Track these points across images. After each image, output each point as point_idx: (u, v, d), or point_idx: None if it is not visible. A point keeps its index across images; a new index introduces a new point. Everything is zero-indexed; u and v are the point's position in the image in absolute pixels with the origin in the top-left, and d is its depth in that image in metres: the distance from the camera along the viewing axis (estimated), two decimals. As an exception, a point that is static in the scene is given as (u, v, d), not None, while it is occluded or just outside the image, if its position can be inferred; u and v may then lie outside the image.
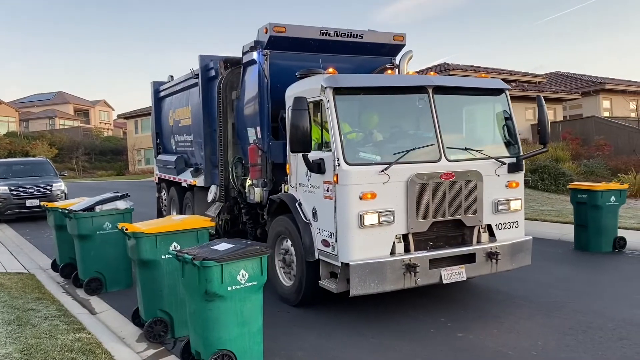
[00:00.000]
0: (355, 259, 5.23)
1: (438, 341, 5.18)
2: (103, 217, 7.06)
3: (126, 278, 7.34)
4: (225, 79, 8.16)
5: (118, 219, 7.02)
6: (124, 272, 7.32)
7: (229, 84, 8.16)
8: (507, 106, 6.30)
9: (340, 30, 7.35)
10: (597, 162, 19.50)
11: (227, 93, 8.18)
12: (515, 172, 6.08)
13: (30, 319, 5.67)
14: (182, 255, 4.31)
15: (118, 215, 7.16)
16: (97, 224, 7.01)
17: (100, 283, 7.15)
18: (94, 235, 7.02)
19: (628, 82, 31.28)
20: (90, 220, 6.99)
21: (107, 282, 7.19)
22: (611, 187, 9.21)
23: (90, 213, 6.99)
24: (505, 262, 5.93)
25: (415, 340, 5.20)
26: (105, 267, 7.16)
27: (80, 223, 6.97)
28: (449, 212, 5.62)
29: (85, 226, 6.97)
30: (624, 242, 9.13)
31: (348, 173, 5.26)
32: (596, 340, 5.11)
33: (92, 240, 7.05)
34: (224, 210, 8.42)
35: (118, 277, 7.27)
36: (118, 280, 7.27)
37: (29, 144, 40.78)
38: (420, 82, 5.91)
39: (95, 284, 7.12)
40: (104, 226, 7.03)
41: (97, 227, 7.01)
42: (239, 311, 4.30)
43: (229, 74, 8.16)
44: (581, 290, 6.80)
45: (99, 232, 7.03)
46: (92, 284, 7.10)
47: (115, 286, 7.21)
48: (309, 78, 5.98)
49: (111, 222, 7.04)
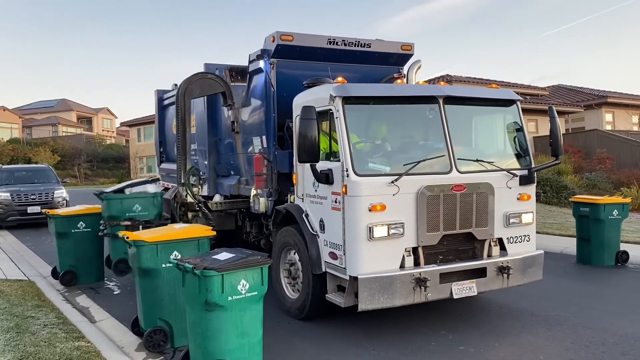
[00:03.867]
0: (364, 272, 5.12)
1: (439, 354, 5.12)
2: (133, 199, 7.14)
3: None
4: (182, 87, 8.00)
5: (148, 202, 7.07)
6: None
7: (188, 92, 8.00)
8: (518, 117, 6.22)
9: (348, 39, 7.28)
10: (600, 175, 19.43)
11: (186, 101, 8.05)
12: (527, 184, 5.98)
13: (29, 326, 5.63)
14: (183, 265, 4.28)
15: (148, 198, 7.19)
16: (126, 206, 7.05)
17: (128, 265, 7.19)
18: (122, 218, 7.06)
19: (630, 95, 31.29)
20: (120, 202, 6.98)
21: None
22: (614, 201, 9.18)
23: (120, 195, 7.12)
24: (517, 276, 5.82)
25: (416, 353, 5.13)
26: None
27: (110, 204, 6.96)
28: (460, 225, 5.51)
29: (115, 207, 6.94)
30: (626, 256, 9.09)
31: (357, 184, 5.15)
32: (598, 355, 5.05)
33: (119, 227, 7.11)
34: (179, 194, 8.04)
35: None
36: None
37: (31, 150, 40.80)
38: (431, 92, 5.83)
39: (123, 265, 7.22)
40: (134, 208, 7.05)
41: (126, 209, 7.06)
42: (239, 321, 4.25)
43: (185, 82, 7.90)
44: (583, 304, 6.73)
45: (128, 213, 7.02)
46: (119, 265, 7.22)
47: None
48: (318, 87, 5.90)
49: (141, 205, 7.13)
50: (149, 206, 7.41)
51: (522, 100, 6.42)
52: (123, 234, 5.29)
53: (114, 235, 7.35)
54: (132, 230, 7.00)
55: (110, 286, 8.07)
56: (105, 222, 7.49)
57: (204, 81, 7.92)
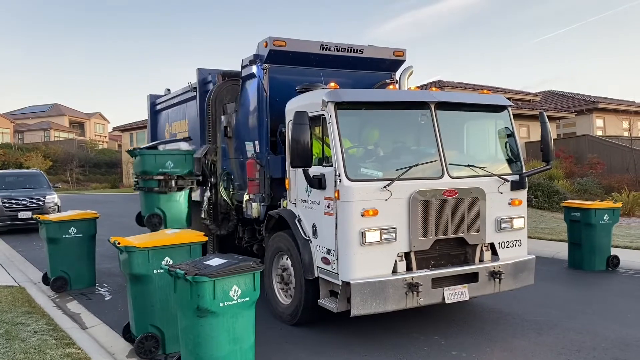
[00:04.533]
0: (356, 277, 5.12)
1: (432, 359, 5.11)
2: (166, 155, 7.38)
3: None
4: (214, 93, 8.07)
5: (180, 159, 7.37)
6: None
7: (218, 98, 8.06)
8: (509, 123, 6.26)
9: (341, 45, 7.31)
10: (591, 180, 19.58)
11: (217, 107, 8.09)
12: (518, 189, 6.01)
13: (19, 333, 5.59)
14: (175, 270, 4.26)
15: (180, 156, 7.44)
16: (160, 161, 7.29)
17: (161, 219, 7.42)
18: (155, 172, 7.32)
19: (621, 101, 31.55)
20: (153, 157, 7.23)
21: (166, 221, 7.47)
22: (604, 206, 9.26)
23: (153, 151, 7.33)
24: (509, 281, 5.84)
25: (409, 359, 5.13)
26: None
27: (144, 159, 7.28)
28: (452, 230, 5.53)
29: (149, 162, 7.26)
30: (617, 261, 9.17)
31: (350, 189, 5.16)
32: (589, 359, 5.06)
33: (152, 182, 7.38)
34: (210, 151, 8.11)
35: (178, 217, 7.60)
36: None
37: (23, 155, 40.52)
38: (422, 97, 5.86)
39: (157, 219, 7.44)
40: (167, 164, 7.31)
41: (160, 165, 7.32)
42: (231, 327, 4.23)
43: (218, 87, 8.03)
44: (575, 308, 6.77)
45: (161, 169, 7.32)
46: (153, 219, 7.41)
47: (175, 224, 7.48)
48: (310, 92, 5.91)
49: (173, 162, 7.37)
50: (182, 163, 7.62)
51: (513, 106, 6.47)
52: (114, 239, 5.25)
53: (148, 189, 7.55)
54: (164, 185, 7.43)
55: (101, 292, 8.03)
56: (139, 176, 7.67)
57: (233, 87, 7.95)
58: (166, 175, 7.49)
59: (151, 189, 7.49)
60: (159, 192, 7.52)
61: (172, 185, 7.52)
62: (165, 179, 7.49)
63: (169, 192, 7.52)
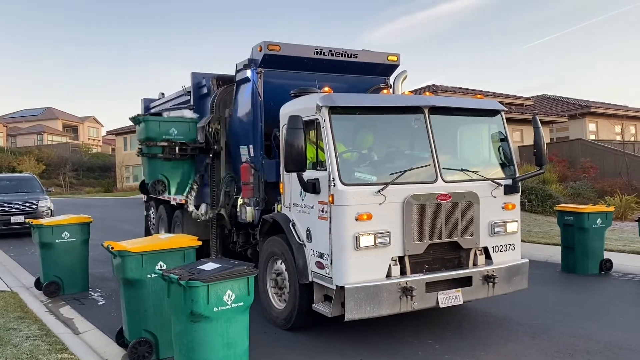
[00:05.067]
0: (350, 282, 5.12)
1: (427, 364, 5.11)
2: (170, 123, 7.50)
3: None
4: (218, 97, 8.09)
5: (184, 127, 7.48)
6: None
7: (222, 102, 8.08)
8: (502, 127, 6.30)
9: (335, 49, 7.33)
10: (584, 184, 19.67)
11: (221, 111, 8.10)
12: (512, 193, 6.04)
13: (11, 338, 5.56)
14: (168, 275, 4.25)
15: (184, 123, 7.55)
16: (164, 128, 7.43)
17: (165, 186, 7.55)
18: (159, 139, 7.42)
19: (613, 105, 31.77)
20: (157, 124, 7.36)
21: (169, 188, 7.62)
22: (597, 210, 9.31)
23: (157, 118, 7.44)
24: (502, 285, 5.86)
25: (404, 364, 5.11)
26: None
27: (148, 126, 7.38)
28: (446, 234, 5.55)
29: (153, 129, 7.37)
30: (610, 265, 9.21)
31: (344, 193, 5.17)
32: (583, 363, 5.08)
33: (156, 148, 7.47)
34: (214, 120, 8.08)
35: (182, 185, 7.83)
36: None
37: (15, 159, 40.30)
38: (416, 102, 5.88)
39: (161, 186, 7.61)
40: (170, 131, 7.43)
41: (164, 132, 7.45)
42: (225, 332, 4.23)
43: (222, 91, 8.10)
44: (568, 312, 6.80)
45: (165, 136, 7.45)
46: (157, 187, 7.57)
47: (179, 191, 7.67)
48: (305, 97, 5.92)
49: (177, 129, 7.48)
50: (185, 130, 7.74)
51: (506, 110, 6.50)
52: (107, 244, 5.24)
53: (152, 156, 7.61)
54: (168, 152, 7.50)
55: (95, 297, 7.98)
56: (142, 143, 7.71)
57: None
58: (170, 142, 7.58)
59: (155, 155, 7.54)
60: (164, 158, 7.59)
61: (176, 152, 7.59)
62: (170, 145, 7.57)
63: (173, 159, 7.60)
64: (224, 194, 8.01)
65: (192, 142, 7.86)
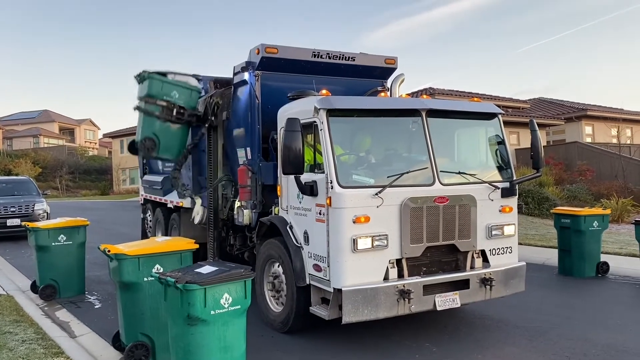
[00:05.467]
0: (348, 284, 5.11)
1: (424, 367, 5.11)
2: (174, 85, 7.59)
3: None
4: (214, 97, 8.07)
5: (186, 93, 7.56)
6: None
7: (219, 104, 8.07)
8: (499, 130, 6.31)
9: (332, 52, 7.34)
10: (580, 187, 19.72)
11: (218, 113, 8.09)
12: (509, 196, 6.05)
13: (7, 342, 5.53)
14: (165, 278, 4.22)
15: (187, 90, 7.62)
16: (166, 89, 7.50)
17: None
18: (159, 98, 7.46)
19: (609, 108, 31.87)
20: (161, 83, 7.43)
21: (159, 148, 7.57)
22: (594, 212, 9.32)
23: (162, 77, 7.48)
24: (500, 288, 5.86)
25: (401, 367, 5.11)
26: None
27: (152, 83, 7.43)
28: (443, 236, 5.55)
29: (156, 87, 7.43)
30: (607, 267, 9.23)
31: (341, 196, 5.17)
32: (580, 365, 5.09)
33: (154, 106, 7.44)
34: (217, 95, 8.07)
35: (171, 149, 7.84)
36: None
37: (12, 162, 40.17)
38: (413, 105, 5.89)
39: (150, 142, 7.60)
40: (172, 94, 7.50)
41: (166, 92, 7.49)
42: (222, 336, 4.20)
43: (219, 94, 8.09)
44: (565, 315, 6.81)
45: (166, 97, 7.47)
46: (147, 142, 7.59)
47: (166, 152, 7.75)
48: (302, 99, 5.93)
49: (179, 93, 7.54)
50: (187, 96, 7.75)
51: (503, 113, 6.52)
52: (104, 247, 5.22)
53: (149, 113, 7.57)
54: (165, 112, 7.44)
55: (91, 300, 7.95)
56: (142, 99, 7.68)
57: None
58: (169, 103, 7.54)
59: (152, 112, 7.52)
60: (160, 118, 7.56)
61: (173, 114, 7.56)
62: (168, 106, 7.52)
63: (169, 121, 7.59)
64: (221, 196, 8.01)
65: (191, 109, 7.79)
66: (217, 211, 8.04)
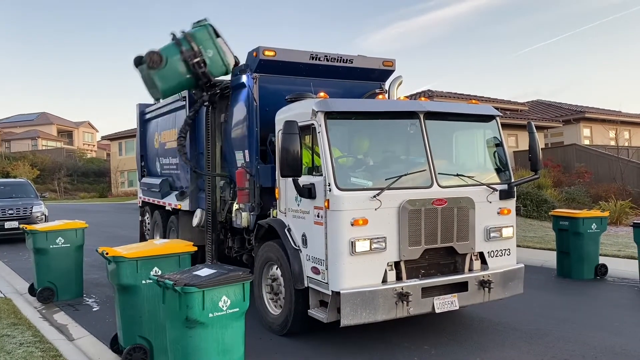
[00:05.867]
0: (346, 287, 5.11)
1: (424, 370, 5.10)
2: (214, 46, 7.67)
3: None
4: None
5: (217, 60, 7.60)
6: None
7: (218, 107, 8.07)
8: (497, 132, 6.31)
9: (330, 54, 7.34)
10: (578, 189, 19.74)
11: (216, 116, 8.09)
12: (507, 198, 6.05)
13: (4, 345, 5.50)
14: (163, 281, 4.21)
15: (219, 58, 7.64)
16: (207, 44, 7.65)
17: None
18: (198, 42, 7.51)
19: (607, 111, 31.94)
20: (208, 36, 7.61)
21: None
22: (592, 215, 9.32)
23: (213, 34, 7.67)
24: (498, 290, 5.86)
25: (402, 370, 5.10)
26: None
27: (201, 30, 7.56)
28: (441, 239, 5.55)
29: (201, 36, 7.56)
30: (605, 270, 9.23)
31: (340, 198, 5.16)
32: (579, 368, 5.09)
33: (188, 44, 7.49)
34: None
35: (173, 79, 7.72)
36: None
37: (10, 164, 40.14)
38: (411, 107, 5.89)
39: (157, 57, 7.50)
40: (207, 50, 7.62)
41: (201, 42, 7.59)
42: (220, 339, 4.19)
43: (218, 96, 8.09)
44: (563, 317, 6.80)
45: (200, 46, 7.55)
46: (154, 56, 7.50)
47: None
48: (300, 102, 5.93)
49: (212, 54, 7.64)
50: (214, 63, 7.71)
51: (501, 116, 6.53)
52: (102, 249, 5.21)
53: (177, 43, 7.58)
54: (189, 54, 7.45)
55: (89, 302, 7.93)
56: (185, 34, 7.65)
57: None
58: (199, 53, 7.54)
59: (181, 45, 7.53)
60: (183, 52, 7.50)
61: (193, 61, 7.54)
62: (196, 54, 7.50)
63: (185, 61, 7.51)
64: (219, 199, 8.00)
65: (209, 72, 7.70)
66: (215, 214, 8.03)
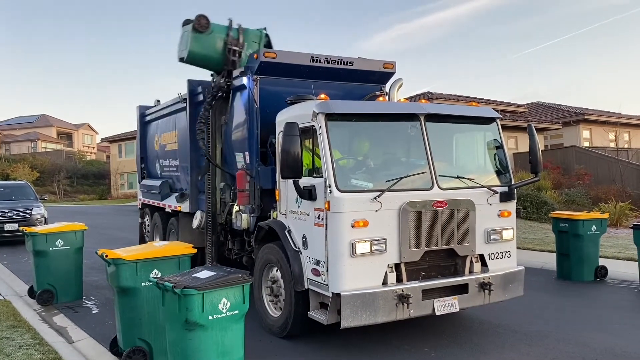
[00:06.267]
0: (346, 289, 5.10)
1: (424, 372, 5.09)
2: (236, 30, 8.11)
3: None
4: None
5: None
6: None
7: (218, 109, 8.08)
8: (498, 134, 6.31)
9: (331, 57, 7.35)
10: (578, 191, 19.73)
11: (216, 118, 8.10)
12: (507, 201, 6.05)
13: (3, 347, 5.50)
14: (163, 283, 4.21)
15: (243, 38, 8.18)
16: (251, 38, 8.30)
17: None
18: (246, 36, 8.13)
19: (607, 112, 31.96)
20: (258, 39, 8.33)
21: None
22: (592, 217, 9.33)
23: (260, 35, 8.41)
24: (498, 292, 5.85)
25: (401, 372, 5.09)
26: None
27: (253, 31, 8.23)
28: (442, 241, 5.54)
29: (252, 33, 8.28)
30: (605, 271, 9.23)
31: (340, 200, 5.16)
32: (580, 371, 5.08)
33: (237, 35, 8.01)
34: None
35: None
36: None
37: (9, 166, 40.15)
38: (412, 109, 5.89)
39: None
40: (248, 45, 8.21)
41: (248, 38, 8.24)
42: (220, 341, 4.18)
43: (218, 98, 8.09)
44: (564, 319, 6.80)
45: (246, 40, 8.14)
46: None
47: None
48: (301, 104, 5.93)
49: (249, 51, 7.97)
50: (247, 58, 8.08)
51: (501, 118, 6.53)
52: (102, 252, 5.20)
53: (229, 26, 8.06)
54: (232, 40, 7.89)
55: (88, 305, 7.91)
56: (240, 27, 8.13)
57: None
58: (240, 44, 8.06)
59: (228, 32, 8.04)
60: (227, 35, 7.99)
61: (232, 46, 8.00)
62: (238, 43, 7.99)
63: (225, 43, 7.98)
64: (219, 200, 7.99)
65: (239, 64, 7.98)
66: (215, 215, 8.03)
